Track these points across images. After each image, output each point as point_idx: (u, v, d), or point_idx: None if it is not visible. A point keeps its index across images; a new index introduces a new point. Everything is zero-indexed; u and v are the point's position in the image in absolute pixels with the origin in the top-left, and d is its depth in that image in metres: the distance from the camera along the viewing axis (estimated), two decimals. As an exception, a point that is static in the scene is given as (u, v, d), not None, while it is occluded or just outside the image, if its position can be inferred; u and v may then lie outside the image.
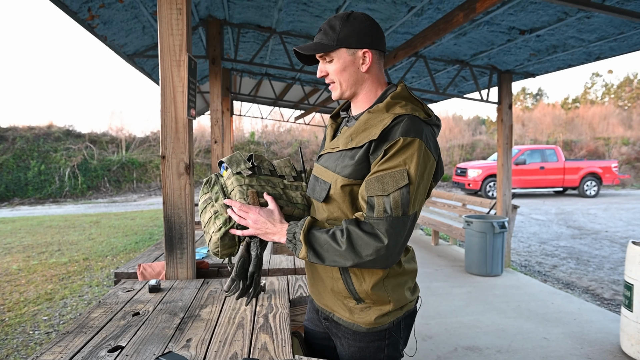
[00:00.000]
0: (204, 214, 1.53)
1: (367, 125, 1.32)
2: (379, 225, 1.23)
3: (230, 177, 1.51)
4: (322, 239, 1.29)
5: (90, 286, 5.62)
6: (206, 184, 1.56)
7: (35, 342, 3.99)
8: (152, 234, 9.09)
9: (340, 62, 1.38)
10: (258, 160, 1.55)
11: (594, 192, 15.95)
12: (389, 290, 1.37)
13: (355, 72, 1.39)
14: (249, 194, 1.45)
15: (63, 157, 18.07)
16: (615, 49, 4.91)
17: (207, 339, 1.54)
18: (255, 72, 8.93)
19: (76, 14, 4.01)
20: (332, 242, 1.27)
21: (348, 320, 1.41)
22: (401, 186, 1.22)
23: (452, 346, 3.78)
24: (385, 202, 1.22)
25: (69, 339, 1.53)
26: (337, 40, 1.36)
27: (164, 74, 2.27)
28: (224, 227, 1.46)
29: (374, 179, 1.25)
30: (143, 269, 2.44)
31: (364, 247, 1.23)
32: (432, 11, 4.29)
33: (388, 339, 1.41)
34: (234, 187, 1.47)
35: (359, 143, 1.30)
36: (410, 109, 1.31)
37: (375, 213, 1.24)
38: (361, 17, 1.38)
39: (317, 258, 1.30)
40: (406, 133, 1.24)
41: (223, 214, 1.47)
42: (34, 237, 8.86)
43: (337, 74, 1.40)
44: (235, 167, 1.50)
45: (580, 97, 36.97)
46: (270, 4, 4.79)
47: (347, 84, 1.40)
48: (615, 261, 7.11)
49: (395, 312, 1.40)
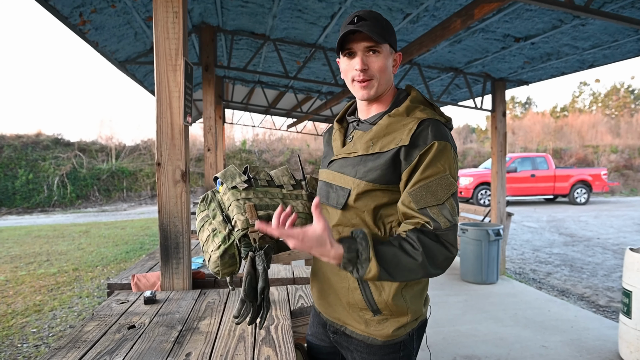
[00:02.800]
0: (202, 232, 1.49)
1: (389, 129, 1.28)
2: (447, 236, 1.20)
3: (226, 192, 1.47)
4: (392, 254, 1.17)
5: (80, 297, 5.50)
6: (202, 202, 1.53)
7: (23, 356, 3.88)
8: (143, 244, 8.97)
9: (384, 58, 1.31)
10: (254, 172, 1.51)
11: (584, 200, 16.06)
12: (407, 300, 1.32)
13: (390, 73, 1.35)
14: (246, 208, 1.40)
15: (52, 165, 17.84)
16: (608, 57, 4.93)
17: (208, 353, 1.47)
18: (247, 79, 8.88)
19: (67, 19, 3.95)
20: (404, 255, 1.17)
21: (362, 333, 1.35)
22: (453, 192, 1.21)
23: (451, 355, 3.73)
24: (443, 211, 1.20)
25: (61, 354, 1.46)
26: (387, 36, 1.31)
27: (159, 79, 2.21)
28: (223, 245, 1.41)
29: (419, 188, 1.20)
30: (137, 279, 2.36)
31: (436, 258, 1.19)
32: (427, 18, 4.28)
33: (403, 351, 1.36)
34: (231, 202, 1.43)
35: (384, 148, 1.26)
36: (430, 114, 1.29)
37: (441, 224, 1.19)
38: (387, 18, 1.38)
39: (388, 275, 1.17)
40: (439, 137, 1.22)
41: (222, 232, 1.43)
42: (21, 247, 8.69)
43: (380, 71, 1.31)
44: (230, 181, 1.47)
45: (568, 105, 37.38)
46: (264, 10, 4.75)
47: (383, 82, 1.34)
48: (609, 268, 7.12)
49: (411, 323, 1.35)
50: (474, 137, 30.00)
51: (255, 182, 1.48)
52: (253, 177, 1.49)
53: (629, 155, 23.34)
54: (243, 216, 1.39)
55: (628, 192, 20.63)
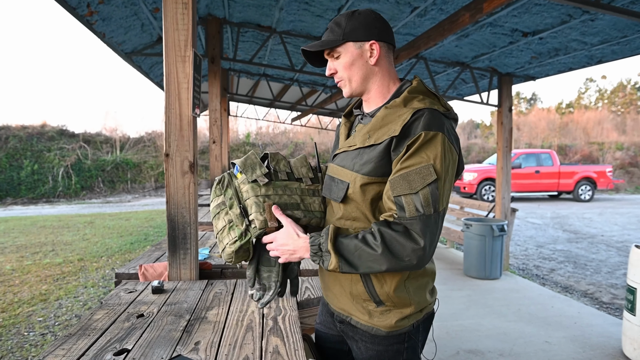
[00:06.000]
0: (217, 219, 1.42)
1: (385, 121, 1.28)
2: (413, 225, 1.17)
3: (245, 183, 1.39)
4: (352, 245, 1.22)
5: (86, 287, 5.54)
6: (219, 185, 1.43)
7: (30, 344, 3.91)
8: (147, 235, 9.01)
9: (348, 56, 1.35)
10: (274, 162, 1.44)
11: (589, 197, 16.01)
12: (410, 292, 1.33)
13: (363, 65, 1.35)
14: (265, 207, 1.35)
15: (56, 156, 17.91)
16: (617, 53, 4.90)
17: (216, 342, 1.48)
18: (253, 72, 8.87)
19: (75, 10, 3.95)
20: (364, 247, 1.20)
21: (367, 323, 1.36)
22: (429, 182, 1.17)
23: (454, 350, 3.74)
24: (415, 200, 1.17)
25: (72, 342, 1.47)
26: (343, 35, 1.33)
27: (168, 70, 2.21)
28: (239, 242, 1.36)
29: (398, 177, 1.20)
30: (144, 269, 2.38)
31: (400, 249, 1.18)
32: (435, 12, 4.27)
33: (407, 342, 1.37)
34: (249, 197, 1.37)
35: (378, 140, 1.26)
36: (429, 103, 1.27)
37: (407, 213, 1.18)
38: (366, 12, 1.36)
39: (350, 267, 1.22)
40: (428, 127, 1.19)
41: (239, 226, 1.37)
42: (27, 237, 8.75)
43: (345, 69, 1.36)
44: (251, 172, 1.39)
45: (574, 102, 37.19)
46: (271, 2, 4.74)
47: (356, 79, 1.36)
48: (613, 265, 7.11)
49: (415, 314, 1.36)
50: (479, 133, 29.91)
51: (275, 175, 1.42)
52: (273, 167, 1.43)
53: (634, 153, 23.23)
54: (262, 216, 1.34)
55: (633, 189, 20.54)
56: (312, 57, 1.45)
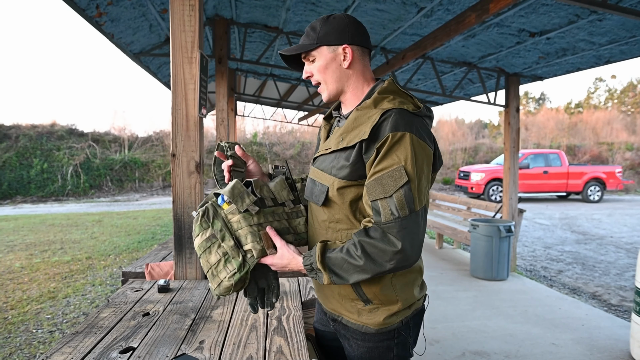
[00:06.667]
0: (209, 254, 1.34)
1: (356, 123, 1.30)
2: (390, 229, 1.20)
3: (235, 213, 1.34)
4: (339, 260, 1.26)
5: (94, 285, 5.59)
6: (203, 218, 1.35)
7: (38, 341, 3.95)
8: (154, 234, 9.06)
9: (322, 59, 1.39)
10: (258, 189, 1.41)
11: (598, 197, 15.89)
12: (397, 289, 1.36)
13: (337, 68, 1.39)
14: (262, 236, 1.34)
15: (66, 155, 18.06)
16: (626, 53, 4.87)
17: (221, 341, 1.50)
18: (260, 72, 8.90)
19: (84, 11, 3.99)
20: (349, 259, 1.24)
21: (356, 322, 1.40)
22: (402, 184, 1.19)
23: (460, 351, 3.73)
24: (389, 204, 1.20)
25: (78, 339, 1.49)
26: (317, 39, 1.38)
27: (175, 71, 2.23)
28: (239, 274, 1.32)
29: (373, 181, 1.23)
30: (151, 268, 2.40)
31: (380, 255, 1.21)
32: (442, 12, 4.26)
33: (397, 338, 1.39)
34: (242, 227, 1.34)
35: (350, 142, 1.29)
36: (399, 103, 1.29)
37: (382, 217, 1.21)
38: (341, 16, 1.40)
39: (341, 279, 1.27)
40: (395, 128, 1.21)
41: (236, 258, 1.32)
42: (36, 235, 8.83)
43: (320, 73, 1.40)
44: (241, 203, 1.34)
45: (583, 101, 36.88)
46: (278, 3, 4.76)
47: (331, 82, 1.40)
48: (622, 267, 7.05)
49: (403, 311, 1.38)
50: (486, 133, 29.77)
51: (262, 202, 1.40)
52: (259, 195, 1.40)
53: (644, 153, 23.03)
54: (259, 245, 1.34)
55: (642, 190, 20.37)
56: (291, 61, 1.49)
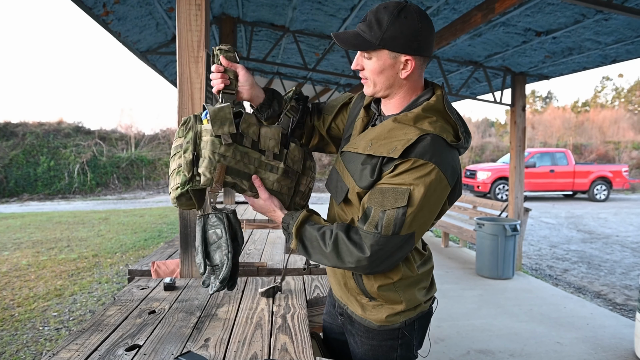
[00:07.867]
0: (172, 160, 1.35)
1: (390, 135, 1.23)
2: (366, 238, 1.21)
3: (207, 133, 1.29)
4: (313, 236, 1.31)
5: (100, 283, 5.63)
6: (183, 125, 1.34)
7: (45, 338, 3.99)
8: (161, 232, 9.10)
9: (380, 63, 1.25)
10: (245, 124, 1.33)
11: (604, 196, 15.80)
12: (400, 291, 1.35)
13: (393, 76, 1.27)
14: (217, 166, 1.27)
15: (72, 153, 18.15)
16: (632, 52, 4.84)
17: (226, 339, 1.51)
18: (266, 70, 8.91)
19: (91, 10, 4.01)
20: (320, 241, 1.28)
21: (360, 315, 1.41)
22: (398, 206, 1.17)
23: (465, 349, 3.74)
24: (379, 217, 1.19)
25: (85, 337, 1.51)
26: (380, 40, 1.21)
27: (181, 70, 2.24)
28: (180, 189, 1.30)
29: (378, 189, 1.22)
30: (157, 266, 2.42)
31: (347, 254, 1.24)
32: (448, 11, 4.25)
33: (401, 338, 1.40)
34: (206, 149, 1.27)
35: (377, 152, 1.23)
36: (439, 129, 1.21)
37: (366, 225, 1.21)
38: (413, 17, 1.21)
39: (305, 252, 1.33)
40: (422, 155, 1.16)
41: (184, 174, 1.29)
42: (43, 233, 8.89)
43: (373, 74, 1.28)
44: (218, 126, 1.28)
45: (590, 100, 36.67)
46: (284, 2, 4.76)
47: (381, 85, 1.29)
48: (627, 266, 7.03)
49: (407, 312, 1.38)
50: (493, 131, 29.68)
51: (240, 138, 1.32)
52: (242, 130, 1.32)
53: (651, 152, 22.89)
54: (210, 174, 1.27)
55: (650, 189, 20.24)
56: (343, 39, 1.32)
